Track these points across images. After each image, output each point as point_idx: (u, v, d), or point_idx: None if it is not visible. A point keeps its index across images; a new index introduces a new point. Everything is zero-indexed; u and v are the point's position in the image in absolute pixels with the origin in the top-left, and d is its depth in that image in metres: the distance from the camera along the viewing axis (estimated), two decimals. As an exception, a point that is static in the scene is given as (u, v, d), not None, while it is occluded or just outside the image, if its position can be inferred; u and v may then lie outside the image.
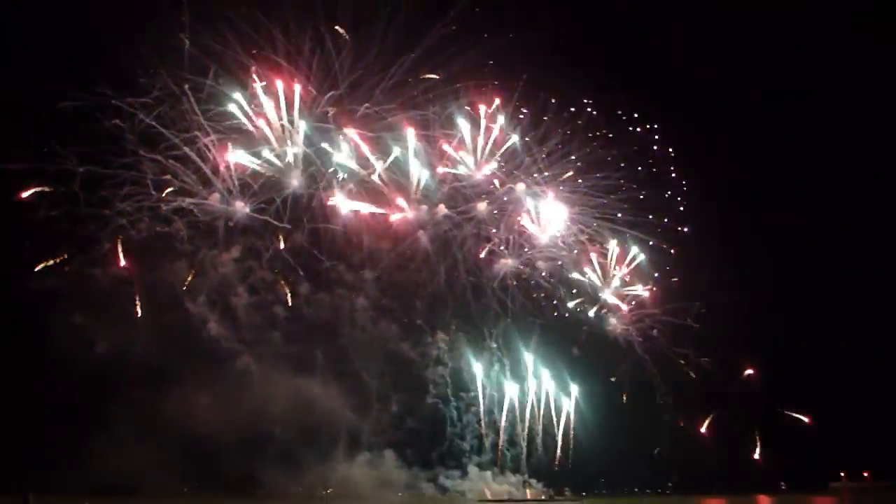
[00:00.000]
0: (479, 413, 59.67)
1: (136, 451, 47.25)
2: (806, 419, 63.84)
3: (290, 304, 52.65)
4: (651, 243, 56.65)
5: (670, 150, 57.52)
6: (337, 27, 43.21)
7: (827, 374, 61.75)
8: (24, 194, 38.42)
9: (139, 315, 45.13)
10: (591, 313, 57.94)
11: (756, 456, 65.99)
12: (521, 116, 50.19)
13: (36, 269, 38.31)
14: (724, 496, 67.71)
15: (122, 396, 46.56)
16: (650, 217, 56.02)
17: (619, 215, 53.47)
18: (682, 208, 58.09)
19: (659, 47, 55.83)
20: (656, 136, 56.23)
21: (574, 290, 57.04)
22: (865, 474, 75.08)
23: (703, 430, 63.05)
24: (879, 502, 59.76)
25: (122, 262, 42.79)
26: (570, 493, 65.21)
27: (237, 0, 38.97)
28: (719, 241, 58.83)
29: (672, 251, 57.15)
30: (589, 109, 53.12)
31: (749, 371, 61.28)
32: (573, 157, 52.74)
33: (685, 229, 57.10)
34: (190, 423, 48.73)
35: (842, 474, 73.92)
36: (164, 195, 41.33)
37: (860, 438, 63.31)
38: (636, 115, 55.44)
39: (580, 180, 53.68)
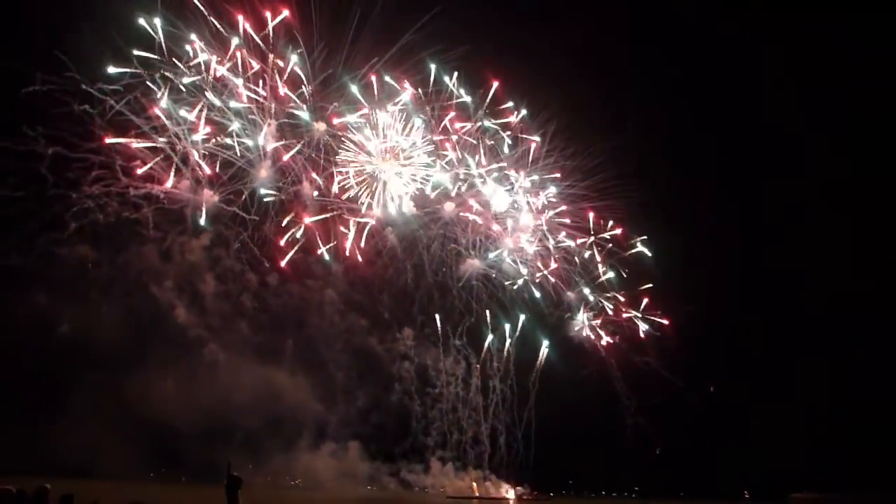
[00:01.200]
0: (443, 409, 60.77)
1: (99, 434, 47.78)
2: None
3: (257, 293, 52.98)
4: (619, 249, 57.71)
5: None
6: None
7: (792, 389, 63.27)
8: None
9: (104, 298, 45.40)
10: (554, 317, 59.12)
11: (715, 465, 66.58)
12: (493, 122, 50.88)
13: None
14: (689, 503, 68.89)
15: (86, 379, 46.92)
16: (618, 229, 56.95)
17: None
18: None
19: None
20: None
21: (539, 294, 57.93)
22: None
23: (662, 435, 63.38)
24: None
25: (88, 245, 43.25)
26: (528, 490, 66.28)
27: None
28: (688, 254, 60.04)
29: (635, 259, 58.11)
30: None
31: (711, 387, 61.52)
32: (542, 164, 53.52)
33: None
34: (155, 409, 49.24)
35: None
36: (131, 181, 41.88)
37: (821, 451, 64.83)
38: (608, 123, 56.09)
39: (548, 187, 54.64)
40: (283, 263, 47.76)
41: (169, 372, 51.06)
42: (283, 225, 47.60)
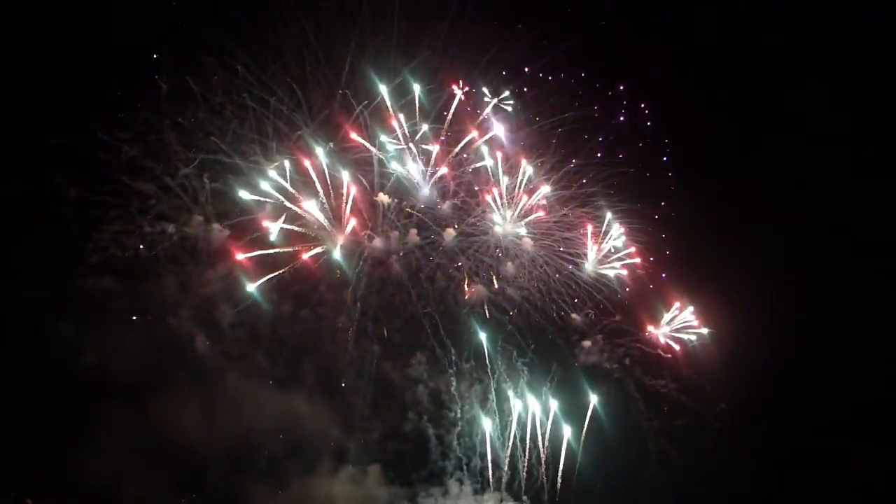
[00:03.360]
0: (459, 433, 61.50)
1: (123, 462, 49.38)
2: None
3: (272, 322, 54.86)
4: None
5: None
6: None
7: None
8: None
9: (126, 328, 48.13)
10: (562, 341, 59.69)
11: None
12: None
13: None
14: None
15: (110, 408, 49.01)
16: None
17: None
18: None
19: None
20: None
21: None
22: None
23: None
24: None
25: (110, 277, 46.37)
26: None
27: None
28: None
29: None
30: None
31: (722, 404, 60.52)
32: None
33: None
34: (178, 437, 51.02)
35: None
36: (147, 219, 45.21)
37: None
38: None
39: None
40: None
41: (190, 400, 52.64)
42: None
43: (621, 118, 56.47)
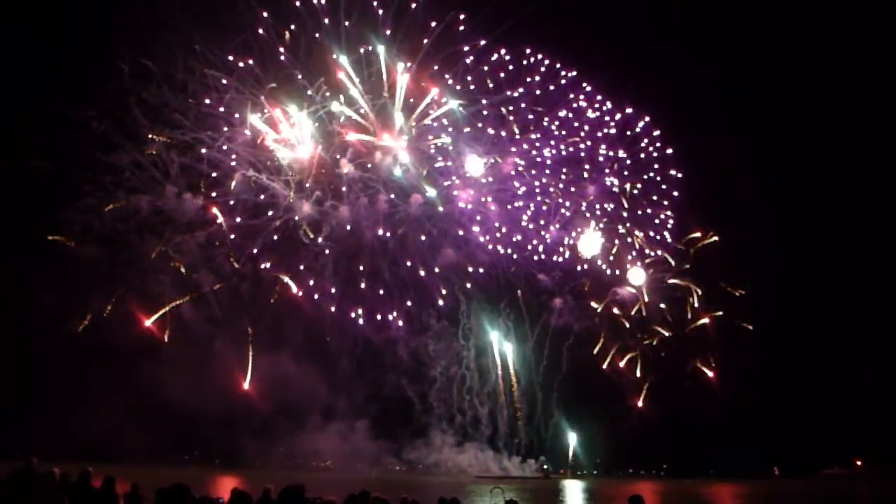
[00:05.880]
0: (440, 391, 63.81)
1: (119, 421, 51.50)
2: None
3: (254, 285, 56.74)
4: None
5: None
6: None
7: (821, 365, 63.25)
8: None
9: (112, 294, 50.33)
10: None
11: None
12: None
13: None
14: (719, 480, 68.88)
15: (102, 370, 50.84)
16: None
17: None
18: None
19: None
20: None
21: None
22: (859, 462, 75.26)
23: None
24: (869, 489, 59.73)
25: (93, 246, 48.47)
26: (550, 468, 69.10)
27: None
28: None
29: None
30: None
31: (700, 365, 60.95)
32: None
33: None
34: (171, 398, 52.77)
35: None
36: (121, 192, 47.43)
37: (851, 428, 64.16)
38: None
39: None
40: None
41: (180, 362, 54.11)
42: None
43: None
